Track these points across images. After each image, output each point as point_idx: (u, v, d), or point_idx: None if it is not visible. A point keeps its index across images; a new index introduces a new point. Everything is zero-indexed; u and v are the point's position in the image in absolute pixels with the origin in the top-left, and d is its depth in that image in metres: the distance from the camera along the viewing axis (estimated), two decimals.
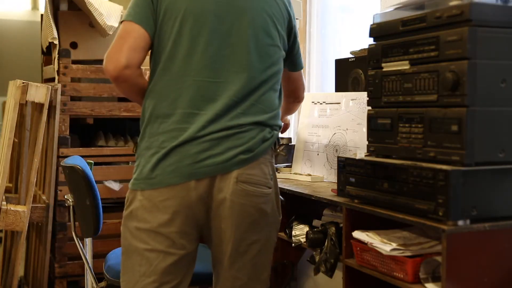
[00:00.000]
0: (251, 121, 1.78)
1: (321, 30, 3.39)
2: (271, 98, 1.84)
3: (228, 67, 1.78)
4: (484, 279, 1.52)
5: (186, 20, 1.78)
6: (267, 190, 1.81)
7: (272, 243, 1.89)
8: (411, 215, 1.59)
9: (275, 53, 1.85)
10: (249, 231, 1.79)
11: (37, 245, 3.37)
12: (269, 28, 1.83)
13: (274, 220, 1.87)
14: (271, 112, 1.83)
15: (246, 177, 1.75)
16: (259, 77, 1.80)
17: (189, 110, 1.76)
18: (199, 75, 1.77)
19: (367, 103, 1.85)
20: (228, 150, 1.74)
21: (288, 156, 2.80)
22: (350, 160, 1.83)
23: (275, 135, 1.84)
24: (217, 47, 1.78)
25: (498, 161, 1.55)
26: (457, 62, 1.52)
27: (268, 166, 1.81)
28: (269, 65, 1.83)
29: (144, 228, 1.76)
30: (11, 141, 3.03)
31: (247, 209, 1.77)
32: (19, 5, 5.67)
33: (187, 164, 1.73)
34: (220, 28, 1.78)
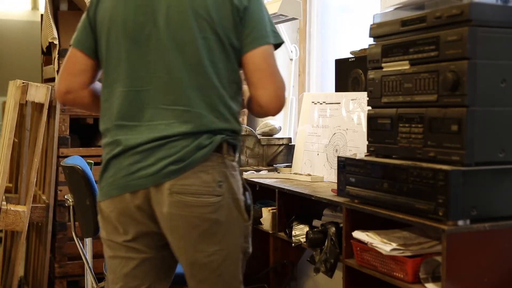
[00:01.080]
0: (184, 128, 1.68)
1: (321, 30, 3.39)
2: (208, 99, 1.70)
3: (152, 73, 1.71)
4: (484, 279, 1.52)
5: (111, 31, 1.75)
6: (213, 199, 1.69)
7: (238, 251, 1.77)
8: (411, 215, 1.59)
9: (205, 46, 1.70)
10: (203, 243, 1.71)
11: (37, 245, 3.37)
12: (191, 22, 1.70)
13: (236, 227, 1.75)
14: (211, 115, 1.70)
15: (180, 188, 1.67)
16: (186, 78, 1.70)
17: (120, 122, 1.73)
18: (125, 85, 1.73)
19: (367, 103, 1.85)
20: (158, 161, 1.67)
21: (288, 156, 2.80)
22: (350, 160, 1.83)
23: (216, 140, 1.69)
24: (139, 54, 1.72)
25: (498, 161, 1.55)
26: (457, 62, 1.52)
27: (210, 174, 1.68)
28: (198, 62, 1.70)
29: (104, 237, 1.81)
30: (11, 141, 3.04)
31: (192, 220, 1.69)
32: (19, 5, 5.67)
33: (121, 177, 1.70)
34: (141, 34, 1.72)
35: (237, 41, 1.73)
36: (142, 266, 1.79)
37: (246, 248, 1.80)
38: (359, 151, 2.21)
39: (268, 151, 2.77)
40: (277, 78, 1.74)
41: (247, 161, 2.71)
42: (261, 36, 1.73)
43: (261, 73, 1.73)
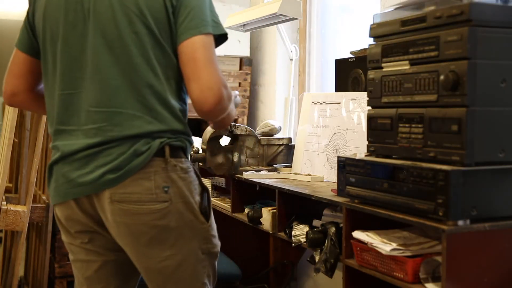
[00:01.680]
0: (117, 132, 1.59)
1: (321, 30, 3.39)
2: (143, 99, 1.60)
3: (83, 73, 1.63)
4: (484, 279, 1.52)
5: (46, 31, 1.69)
6: (158, 205, 1.61)
7: (196, 254, 1.70)
8: (411, 215, 1.59)
9: (136, 42, 1.60)
10: (154, 249, 1.65)
11: (37, 245, 3.37)
12: (118, 17, 1.60)
13: (191, 231, 1.68)
14: (147, 116, 1.60)
15: (120, 197, 1.60)
16: (117, 78, 1.60)
17: (59, 126, 1.68)
18: (61, 88, 1.66)
19: (367, 103, 1.85)
20: (96, 169, 1.60)
21: (288, 156, 2.80)
22: (350, 160, 1.83)
23: (154, 145, 1.60)
24: (73, 55, 1.64)
25: (498, 161, 1.55)
26: (457, 62, 1.52)
27: (152, 180, 1.60)
28: (128, 59, 1.60)
29: (64, 241, 1.80)
30: (11, 141, 3.03)
31: (138, 228, 1.63)
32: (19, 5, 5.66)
33: (62, 183, 1.66)
34: (73, 34, 1.64)
35: (173, 34, 1.62)
36: (104, 268, 1.76)
37: (209, 249, 1.73)
38: (359, 151, 2.21)
39: (268, 151, 2.77)
40: (211, 70, 1.58)
41: (247, 161, 2.71)
42: (195, 25, 1.59)
43: (193, 64, 1.58)
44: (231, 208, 2.68)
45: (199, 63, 1.58)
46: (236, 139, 2.70)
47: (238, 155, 2.68)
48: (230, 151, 2.67)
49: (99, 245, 1.74)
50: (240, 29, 3.17)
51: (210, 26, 1.62)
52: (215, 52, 1.63)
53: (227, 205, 2.74)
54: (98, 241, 1.74)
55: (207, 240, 1.73)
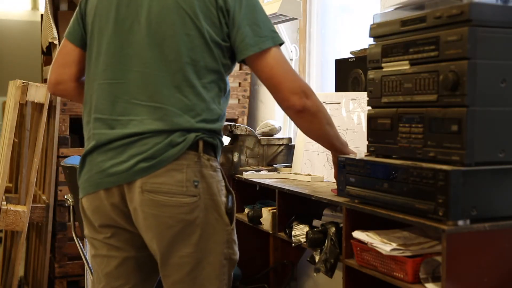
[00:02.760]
0: (156, 126, 1.63)
1: (321, 30, 3.39)
2: (185, 98, 1.64)
3: (129, 66, 1.67)
4: (484, 279, 1.52)
5: (95, 23, 1.74)
6: (188, 199, 1.63)
7: (217, 256, 1.70)
8: (411, 215, 1.59)
9: (187, 43, 1.64)
10: (178, 243, 1.65)
11: (37, 245, 3.38)
12: (173, 17, 1.65)
13: (215, 230, 1.68)
14: (186, 115, 1.64)
15: (151, 186, 1.62)
16: (163, 75, 1.64)
17: (98, 115, 1.70)
18: (102, 77, 1.70)
19: (367, 103, 1.85)
20: (130, 158, 1.62)
21: (288, 156, 2.80)
22: (350, 160, 1.83)
23: (189, 138, 1.63)
24: (118, 46, 1.69)
25: (498, 161, 1.55)
26: (457, 62, 1.52)
27: (184, 173, 1.62)
28: (176, 59, 1.64)
29: (87, 235, 1.80)
30: (11, 141, 3.04)
31: (165, 220, 1.63)
32: (19, 5, 5.67)
33: (95, 173, 1.67)
34: (122, 25, 1.69)
35: (224, 41, 1.68)
36: (125, 265, 1.76)
37: (229, 254, 1.73)
38: (359, 151, 2.21)
39: (268, 151, 2.77)
40: (293, 77, 1.72)
41: (247, 161, 2.71)
42: (259, 40, 1.68)
43: (270, 82, 1.73)
44: None
45: (277, 71, 1.70)
46: (236, 139, 2.70)
47: (238, 155, 2.68)
48: (230, 151, 2.67)
49: (122, 240, 1.74)
50: None
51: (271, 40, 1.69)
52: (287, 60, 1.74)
53: None
54: (121, 236, 1.74)
55: (230, 245, 1.72)
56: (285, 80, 1.70)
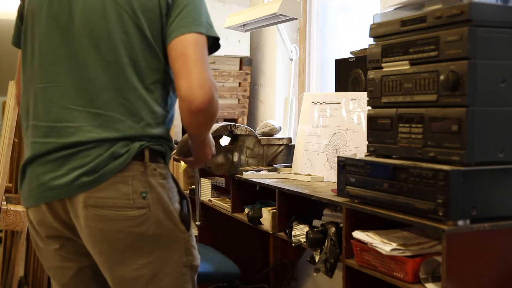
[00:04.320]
0: (96, 134, 1.51)
1: (321, 30, 3.39)
2: (127, 102, 1.53)
3: (64, 68, 1.54)
4: (484, 279, 1.52)
5: (28, 22, 1.62)
6: (135, 212, 1.52)
7: (176, 265, 1.60)
8: (411, 215, 1.59)
9: (125, 42, 1.53)
10: (130, 257, 1.55)
11: None
12: (109, 14, 1.53)
13: (170, 240, 1.58)
14: (129, 120, 1.53)
15: (95, 201, 1.50)
16: (102, 78, 1.52)
17: (34, 122, 1.58)
18: (37, 81, 1.58)
19: (367, 103, 1.85)
20: (71, 172, 1.51)
21: (288, 156, 2.80)
22: (350, 160, 1.83)
23: (133, 148, 1.52)
24: (52, 47, 1.56)
25: (498, 161, 1.55)
26: (457, 62, 1.52)
27: (130, 185, 1.52)
28: (115, 60, 1.53)
29: (36, 246, 1.69)
30: (11, 141, 3.03)
31: (113, 235, 1.53)
32: None
33: (35, 186, 1.56)
34: (55, 24, 1.56)
35: (164, 36, 1.56)
36: (80, 274, 1.67)
37: (189, 261, 1.63)
38: (359, 151, 2.21)
39: (268, 151, 2.77)
40: (203, 68, 1.49)
41: (247, 161, 2.71)
42: (187, 23, 1.52)
43: (183, 60, 1.50)
44: (231, 208, 2.68)
45: (189, 59, 1.50)
46: (236, 139, 2.70)
47: (238, 155, 2.68)
48: (230, 151, 2.67)
49: (72, 252, 1.65)
50: (240, 29, 3.17)
51: (203, 27, 1.54)
52: (207, 53, 1.55)
53: (227, 205, 2.74)
54: (70, 248, 1.64)
55: (188, 252, 1.63)
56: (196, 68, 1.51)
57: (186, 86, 1.49)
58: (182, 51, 1.51)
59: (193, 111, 1.50)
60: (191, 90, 1.48)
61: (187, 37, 1.52)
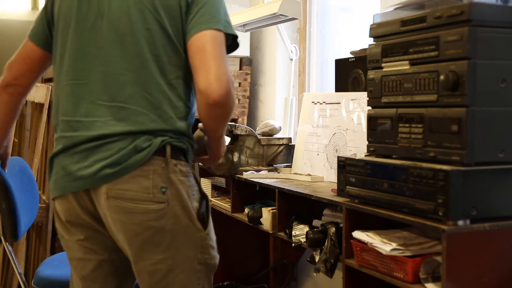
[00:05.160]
0: (120, 128, 1.57)
1: (321, 30, 3.39)
2: (150, 96, 1.59)
3: (91, 65, 1.62)
4: (484, 279, 1.52)
5: (59, 23, 1.69)
6: (154, 206, 1.58)
7: (191, 262, 1.65)
8: (411, 215, 1.59)
9: (148, 39, 1.60)
10: (147, 251, 1.61)
11: (37, 245, 3.37)
12: (132, 12, 1.60)
13: (186, 236, 1.63)
14: (152, 114, 1.59)
15: (116, 193, 1.57)
16: (126, 73, 1.59)
17: (63, 117, 1.66)
18: (66, 78, 1.65)
19: (367, 103, 1.85)
20: (95, 163, 1.58)
21: (288, 156, 2.80)
22: (350, 160, 1.83)
23: (155, 143, 1.57)
24: (81, 45, 1.64)
25: (498, 161, 1.55)
26: (457, 62, 1.52)
27: (151, 179, 1.57)
28: (138, 56, 1.59)
29: (61, 237, 1.76)
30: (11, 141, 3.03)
31: (133, 228, 1.59)
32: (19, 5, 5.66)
33: (62, 176, 1.64)
34: (84, 23, 1.64)
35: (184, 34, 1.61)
36: (101, 268, 1.72)
37: (205, 259, 1.68)
38: (359, 151, 2.21)
39: (268, 151, 2.77)
40: (220, 63, 1.54)
41: (247, 161, 2.71)
42: (206, 20, 1.57)
43: (202, 55, 1.55)
44: (231, 208, 2.68)
45: (208, 54, 1.55)
46: (236, 139, 2.70)
47: (238, 155, 2.68)
48: (230, 151, 2.67)
49: (96, 243, 1.71)
50: (240, 29, 3.17)
51: (221, 24, 1.59)
52: (224, 49, 1.60)
53: (227, 205, 2.74)
54: (95, 239, 1.70)
55: (204, 250, 1.67)
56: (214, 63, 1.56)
57: (204, 80, 1.53)
58: (201, 46, 1.56)
59: (211, 104, 1.55)
60: (209, 83, 1.53)
61: (206, 33, 1.57)
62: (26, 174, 2.52)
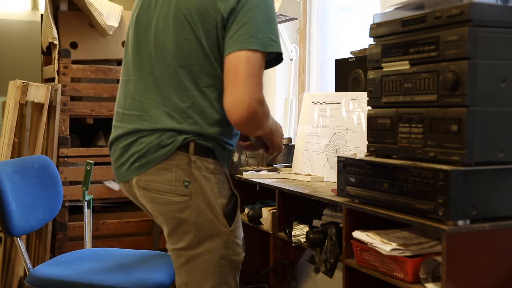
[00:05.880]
0: (152, 125, 1.71)
1: (321, 30, 3.39)
2: (179, 99, 1.70)
3: (139, 65, 1.78)
4: (484, 279, 1.52)
5: (128, 33, 1.89)
6: (177, 198, 1.70)
7: (213, 256, 1.73)
8: (411, 215, 1.59)
9: (183, 48, 1.70)
10: (173, 238, 1.75)
11: (37, 245, 3.37)
12: (171, 21, 1.72)
13: (211, 230, 1.72)
14: (178, 116, 1.70)
15: (144, 183, 1.72)
16: (162, 76, 1.72)
17: (117, 108, 1.85)
18: (123, 74, 1.87)
19: (367, 103, 1.85)
20: (129, 158, 1.75)
21: (288, 156, 2.80)
22: (350, 160, 1.83)
23: (178, 139, 1.68)
24: (135, 46, 1.80)
25: (498, 161, 1.55)
26: (457, 62, 1.52)
27: (174, 173, 1.69)
28: (172, 63, 1.71)
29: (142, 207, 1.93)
30: (11, 141, 3.04)
31: (160, 216, 1.75)
32: (19, 5, 5.66)
33: (114, 169, 1.84)
34: (140, 27, 1.80)
35: (220, 47, 1.69)
36: None
37: (229, 255, 1.75)
38: (359, 151, 2.21)
39: None
40: (249, 84, 1.61)
41: (247, 161, 2.71)
42: (242, 40, 1.63)
43: (233, 76, 1.63)
44: None
45: (238, 75, 1.62)
46: None
47: (238, 155, 2.68)
48: None
49: None
50: None
51: (258, 43, 1.63)
52: (260, 69, 1.65)
53: None
54: None
55: (228, 246, 1.75)
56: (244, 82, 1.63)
57: (229, 101, 1.63)
58: (233, 67, 1.63)
59: (234, 123, 1.66)
60: (232, 105, 1.62)
61: (240, 54, 1.63)
62: (47, 172, 2.57)
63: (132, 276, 2.15)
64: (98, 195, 3.26)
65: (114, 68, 3.36)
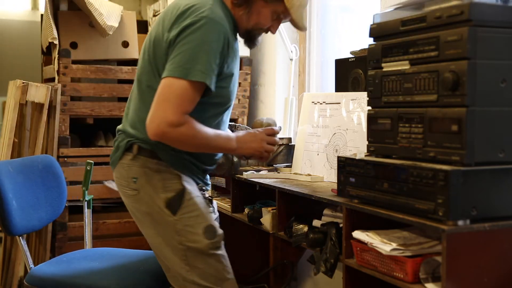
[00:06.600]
0: (121, 127, 2.09)
1: (321, 30, 3.38)
2: (133, 108, 2.04)
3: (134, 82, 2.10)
4: (484, 279, 1.52)
5: None
6: (130, 191, 2.01)
7: (174, 242, 1.96)
8: (411, 215, 1.59)
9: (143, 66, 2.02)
10: (142, 227, 2.05)
11: (37, 245, 3.37)
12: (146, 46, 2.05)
13: (163, 219, 1.97)
14: (131, 121, 2.04)
15: (115, 177, 2.08)
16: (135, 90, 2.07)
17: None
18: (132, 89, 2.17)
19: (367, 103, 1.85)
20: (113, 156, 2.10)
21: (288, 156, 2.80)
22: (350, 160, 1.83)
23: (125, 142, 2.01)
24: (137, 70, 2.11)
25: (498, 161, 1.55)
26: (457, 62, 1.52)
27: (126, 170, 2.01)
28: (137, 81, 2.05)
29: None
30: (11, 141, 3.04)
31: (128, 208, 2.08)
32: (19, 5, 5.66)
33: None
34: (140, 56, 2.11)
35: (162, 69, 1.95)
36: None
37: (182, 241, 1.95)
38: (359, 151, 2.21)
39: None
40: (164, 107, 1.81)
41: (247, 161, 2.71)
42: (172, 68, 1.84)
43: (155, 98, 1.85)
44: (231, 208, 2.68)
45: (158, 98, 1.84)
46: None
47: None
48: None
49: None
50: None
51: (183, 72, 1.82)
52: (183, 95, 1.82)
53: (227, 205, 2.74)
54: None
55: (180, 233, 1.96)
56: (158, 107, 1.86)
57: (147, 119, 1.86)
58: (158, 90, 1.86)
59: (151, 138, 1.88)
60: (147, 123, 1.85)
61: (166, 80, 1.86)
62: (51, 172, 2.59)
63: (132, 276, 2.15)
64: (98, 195, 3.26)
65: (114, 68, 3.37)
